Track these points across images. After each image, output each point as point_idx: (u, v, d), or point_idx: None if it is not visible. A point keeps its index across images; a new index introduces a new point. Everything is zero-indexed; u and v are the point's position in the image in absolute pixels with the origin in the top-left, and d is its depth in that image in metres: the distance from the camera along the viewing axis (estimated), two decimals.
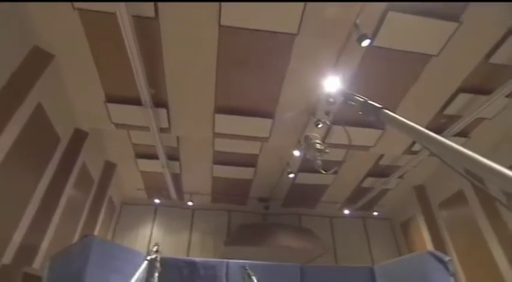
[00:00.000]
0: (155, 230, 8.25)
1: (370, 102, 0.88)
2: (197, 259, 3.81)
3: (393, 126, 0.82)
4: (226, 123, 5.22)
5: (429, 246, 6.96)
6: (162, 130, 5.46)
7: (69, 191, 5.13)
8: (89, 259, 2.65)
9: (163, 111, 5.08)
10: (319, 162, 1.02)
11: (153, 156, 6.47)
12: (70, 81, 4.60)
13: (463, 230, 6.52)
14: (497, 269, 5.55)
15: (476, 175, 0.64)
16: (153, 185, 7.89)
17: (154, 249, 1.85)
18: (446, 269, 3.08)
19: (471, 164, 0.60)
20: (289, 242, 6.90)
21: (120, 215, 8.35)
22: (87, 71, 4.41)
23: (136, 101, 4.74)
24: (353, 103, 0.97)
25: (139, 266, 2.03)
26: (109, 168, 6.97)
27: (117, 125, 5.37)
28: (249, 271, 1.76)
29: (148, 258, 1.70)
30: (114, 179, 7.19)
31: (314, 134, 1.05)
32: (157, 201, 8.23)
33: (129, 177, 7.64)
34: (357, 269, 4.04)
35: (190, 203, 8.19)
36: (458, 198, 6.63)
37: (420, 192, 7.88)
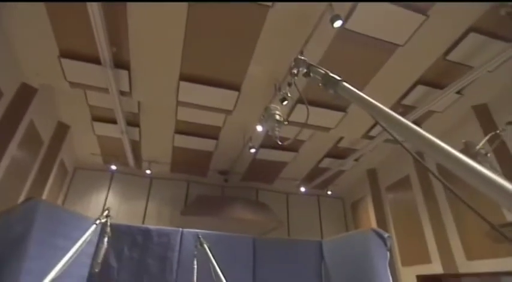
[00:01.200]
0: (110, 197, 8.04)
1: (330, 74, 0.91)
2: (151, 227, 3.80)
3: (351, 99, 0.85)
4: (191, 92, 5.08)
5: (373, 224, 7.59)
6: (122, 93, 5.18)
7: (13, 150, 4.76)
8: (33, 223, 2.52)
9: (124, 73, 4.79)
10: (277, 133, 1.05)
11: (112, 121, 6.16)
12: (17, 32, 4.13)
13: (403, 210, 7.17)
14: (425, 244, 6.25)
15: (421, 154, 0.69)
16: (110, 151, 7.57)
17: (105, 213, 1.81)
18: (385, 244, 3.39)
19: (421, 142, 0.63)
20: (245, 214, 7.12)
21: (73, 180, 7.97)
22: (39, 21, 3.97)
23: (95, 60, 4.41)
24: (315, 75, 1.00)
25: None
26: (61, 130, 6.53)
27: (72, 84, 4.98)
28: (202, 239, 1.80)
29: (97, 222, 1.66)
30: (67, 142, 6.77)
31: (274, 105, 1.07)
32: (113, 167, 7.95)
33: (84, 141, 7.24)
34: (306, 242, 4.29)
35: (148, 172, 8.03)
36: (404, 183, 7.23)
37: (372, 175, 8.45)
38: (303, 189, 8.96)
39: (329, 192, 9.32)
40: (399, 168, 7.42)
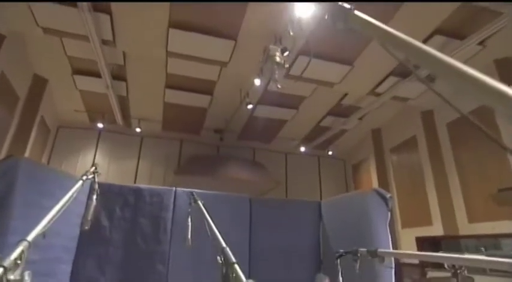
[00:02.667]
0: (99, 157, 8.07)
1: (339, 3, 0.82)
2: (143, 186, 3.85)
3: (364, 30, 0.77)
4: (182, 41, 4.85)
5: (375, 186, 7.79)
6: (104, 42, 4.94)
7: None
8: (15, 182, 2.52)
9: (105, 18, 4.52)
10: (276, 76, 0.98)
11: (95, 74, 5.96)
12: None
13: (407, 172, 7.32)
14: (428, 206, 6.48)
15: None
16: (96, 108, 7.44)
17: (92, 169, 1.78)
18: (386, 205, 3.48)
19: (461, 80, 0.54)
20: (241, 174, 7.25)
21: (57, 139, 7.93)
22: None
23: (70, 1, 4.12)
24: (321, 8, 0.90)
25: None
26: (39, 84, 6.32)
27: (45, 30, 4.71)
28: (196, 196, 1.80)
29: (84, 178, 1.64)
30: (47, 97, 6.60)
31: (274, 46, 0.98)
32: (100, 125, 7.87)
33: (66, 97, 7.07)
34: (304, 202, 4.40)
35: (138, 130, 7.99)
36: (410, 143, 7.28)
37: (376, 135, 8.48)
38: (302, 149, 9.03)
39: (330, 153, 9.42)
40: (406, 129, 7.42)
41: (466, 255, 1.21)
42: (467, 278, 1.36)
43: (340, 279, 2.13)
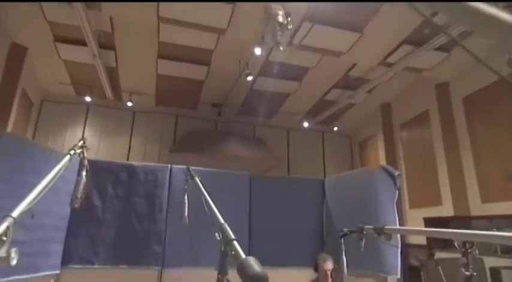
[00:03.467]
0: (88, 134, 8.06)
1: None
2: (136, 163, 3.87)
3: None
4: (175, 5, 4.71)
5: (382, 163, 7.83)
6: (88, 6, 4.79)
7: None
8: None
9: None
10: (279, 38, 0.94)
11: (80, 42, 5.83)
12: None
13: (417, 150, 7.33)
14: (438, 185, 6.54)
15: None
16: (83, 80, 7.35)
17: (80, 143, 1.77)
18: (394, 183, 3.51)
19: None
20: (240, 151, 7.27)
21: (41, 114, 7.86)
22: None
23: None
24: None
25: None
26: (17, 53, 6.14)
27: None
28: (192, 172, 1.81)
29: (71, 152, 1.63)
30: (27, 68, 6.47)
31: (277, 5, 0.94)
32: (88, 99, 7.81)
33: (49, 67, 6.95)
34: (307, 180, 4.44)
35: (129, 104, 7.93)
36: (422, 119, 7.23)
37: (385, 110, 8.42)
38: (306, 124, 9.02)
39: (335, 129, 9.41)
40: (418, 103, 7.36)
41: (478, 231, 1.22)
42: (477, 260, 1.37)
43: (344, 259, 2.17)
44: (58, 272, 3.18)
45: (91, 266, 3.30)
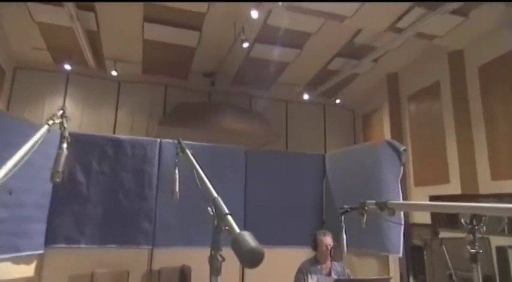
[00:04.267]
0: (69, 105, 7.94)
1: None
2: (123, 137, 3.86)
3: None
4: None
5: (387, 138, 7.86)
6: None
7: None
8: None
9: None
10: None
11: (55, 1, 5.64)
12: None
13: (425, 124, 7.35)
14: (446, 162, 6.61)
15: None
16: (60, 45, 7.16)
17: (59, 113, 1.75)
18: (399, 158, 3.54)
19: None
20: (235, 125, 7.26)
21: (15, 84, 7.67)
22: None
23: None
24: None
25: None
26: None
27: None
28: (183, 144, 1.80)
29: (50, 122, 1.61)
30: None
31: None
32: (68, 67, 7.65)
33: (21, 31, 6.73)
34: (307, 155, 4.48)
35: (114, 73, 7.81)
36: (432, 91, 7.20)
37: (392, 81, 8.36)
38: (306, 96, 8.97)
39: (337, 101, 9.37)
40: (428, 73, 7.29)
41: (487, 204, 1.24)
42: (484, 239, 1.40)
43: (344, 237, 2.21)
44: (42, 252, 3.24)
45: (77, 246, 3.36)
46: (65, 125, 1.78)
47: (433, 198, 6.80)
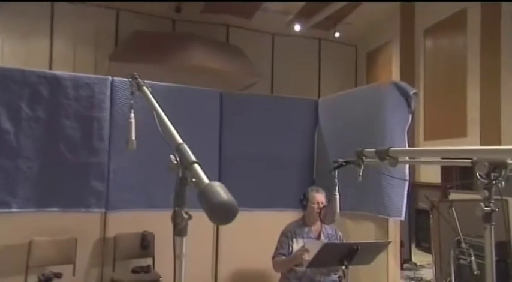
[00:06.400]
0: None
1: None
2: (62, 73, 3.72)
3: None
4: None
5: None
6: None
7: None
8: None
9: None
10: None
11: None
12: None
13: (444, 64, 7.40)
14: (465, 112, 6.75)
15: None
16: None
17: None
18: (408, 104, 3.58)
19: None
20: (208, 62, 7.14)
21: None
22: None
23: None
24: None
25: None
26: None
27: None
28: (140, 80, 1.76)
29: None
30: None
31: None
32: None
33: None
34: (296, 100, 4.47)
35: None
36: (455, 23, 7.15)
37: (406, 9, 8.29)
38: (297, 28, 8.84)
39: (336, 35, 9.27)
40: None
41: None
42: (501, 200, 1.44)
43: (337, 196, 2.27)
44: None
45: (7, 210, 3.33)
46: None
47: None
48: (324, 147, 4.15)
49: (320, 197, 3.13)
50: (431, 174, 6.93)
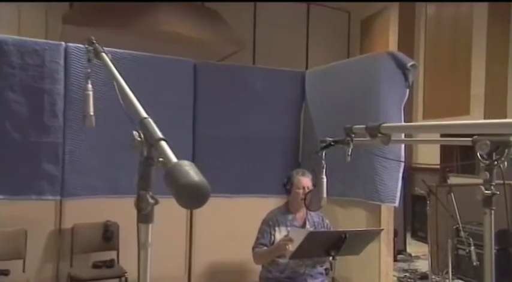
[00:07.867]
0: None
1: None
2: (3, 36, 3.59)
3: None
4: None
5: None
6: None
7: None
8: None
9: None
10: None
11: None
12: None
13: (446, 35, 7.45)
14: (468, 88, 6.83)
15: None
16: None
17: None
18: (405, 77, 3.60)
19: None
20: (180, 27, 7.03)
21: None
22: None
23: None
24: None
25: None
26: None
27: None
28: (97, 45, 1.72)
29: None
30: None
31: None
32: None
33: None
34: (280, 73, 4.46)
35: None
36: None
37: None
38: None
39: None
40: None
41: None
42: (504, 185, 1.47)
43: (324, 179, 2.28)
44: None
45: None
46: None
47: (446, 134, 7.14)
48: (311, 125, 4.17)
49: (306, 181, 3.13)
50: (429, 156, 7.05)
